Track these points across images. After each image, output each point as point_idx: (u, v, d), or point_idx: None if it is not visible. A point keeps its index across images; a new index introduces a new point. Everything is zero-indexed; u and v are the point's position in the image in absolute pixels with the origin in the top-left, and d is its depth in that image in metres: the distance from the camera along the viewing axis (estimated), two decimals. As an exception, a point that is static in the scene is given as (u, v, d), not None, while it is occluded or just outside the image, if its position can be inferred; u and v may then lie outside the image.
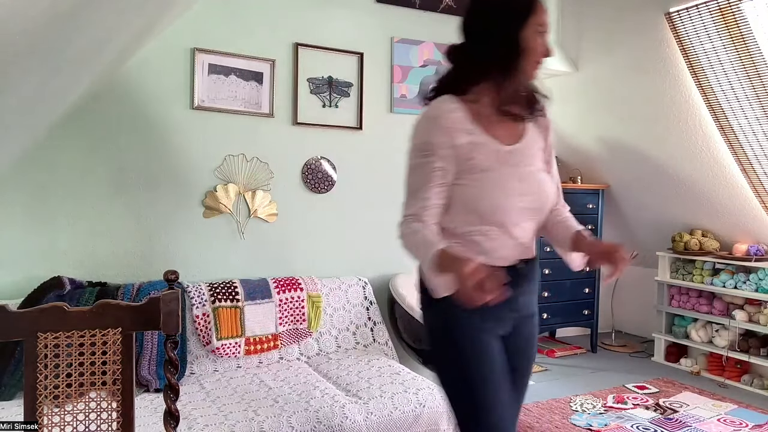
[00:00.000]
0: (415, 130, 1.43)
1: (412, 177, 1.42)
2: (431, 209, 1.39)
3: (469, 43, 1.50)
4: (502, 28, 1.42)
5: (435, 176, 1.37)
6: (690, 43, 3.34)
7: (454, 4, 3.39)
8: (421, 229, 1.37)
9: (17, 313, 1.25)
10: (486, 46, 1.43)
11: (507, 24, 1.41)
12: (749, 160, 3.54)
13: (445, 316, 1.45)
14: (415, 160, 1.41)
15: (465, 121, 1.39)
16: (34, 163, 2.48)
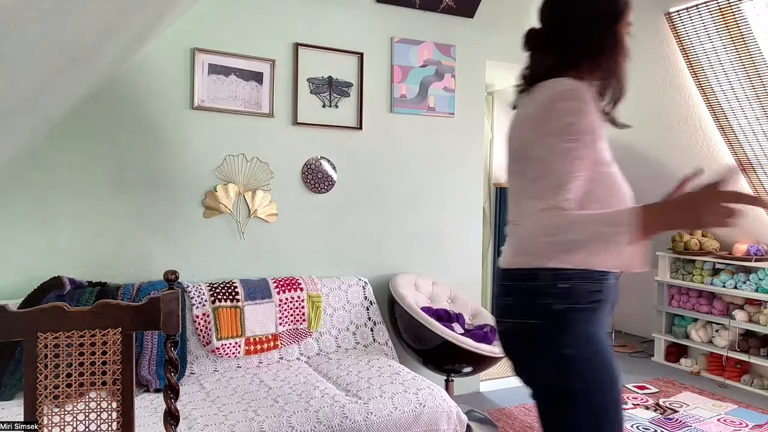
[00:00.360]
0: (555, 107, 1.22)
1: (553, 163, 1.20)
2: (571, 203, 1.18)
3: (562, 31, 1.36)
4: (609, 19, 1.32)
5: (576, 165, 1.19)
6: (690, 43, 3.35)
7: (454, 4, 3.39)
8: (584, 212, 1.17)
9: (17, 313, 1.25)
10: (588, 36, 1.31)
11: (612, 15, 1.33)
12: (749, 160, 3.54)
13: (582, 327, 1.25)
14: (557, 144, 1.20)
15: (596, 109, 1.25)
16: (35, 163, 2.48)
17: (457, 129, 3.48)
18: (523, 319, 1.29)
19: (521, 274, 1.30)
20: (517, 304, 1.31)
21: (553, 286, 1.25)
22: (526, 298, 1.29)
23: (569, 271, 1.26)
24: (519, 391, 3.60)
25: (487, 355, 2.76)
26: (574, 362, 1.25)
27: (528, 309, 1.28)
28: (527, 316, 1.28)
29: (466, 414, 2.38)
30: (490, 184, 4.68)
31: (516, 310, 1.31)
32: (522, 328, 1.30)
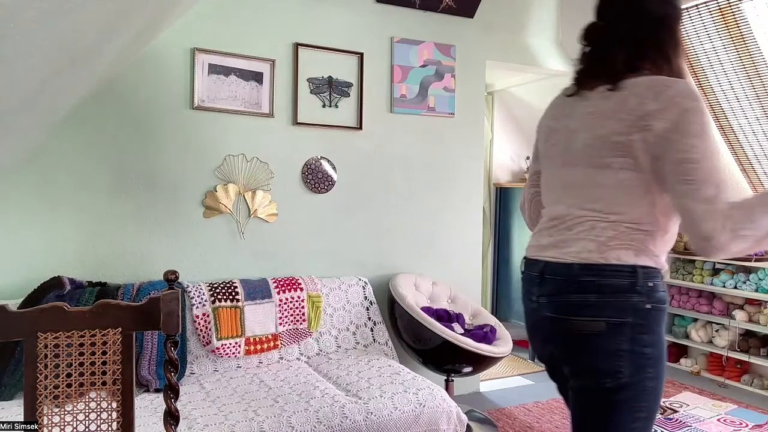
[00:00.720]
0: (695, 104, 1.20)
1: (713, 157, 1.19)
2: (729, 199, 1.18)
3: (631, 29, 1.35)
4: (674, 19, 1.35)
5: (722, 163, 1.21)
6: (690, 43, 3.35)
7: (454, 4, 3.39)
8: (739, 202, 1.17)
9: (17, 313, 1.25)
10: (658, 35, 1.33)
11: (675, 16, 1.36)
12: (749, 160, 3.54)
13: (659, 327, 1.28)
14: (704, 143, 1.18)
15: None
16: (35, 163, 2.48)
17: (457, 129, 3.49)
18: (606, 317, 1.26)
19: (614, 270, 1.26)
20: (604, 301, 1.27)
21: (644, 285, 1.25)
22: (614, 295, 1.26)
23: (654, 270, 1.28)
24: (519, 391, 3.61)
25: (487, 355, 2.76)
26: (652, 360, 1.27)
27: (618, 306, 1.26)
28: (616, 313, 1.26)
29: (466, 414, 2.38)
30: (490, 184, 4.68)
31: (598, 306, 1.27)
32: (601, 325, 1.27)
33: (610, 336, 1.26)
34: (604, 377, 1.28)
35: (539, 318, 1.39)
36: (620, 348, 1.26)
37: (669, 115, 1.20)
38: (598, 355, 1.28)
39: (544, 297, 1.36)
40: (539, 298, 1.38)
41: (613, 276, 1.26)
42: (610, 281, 1.26)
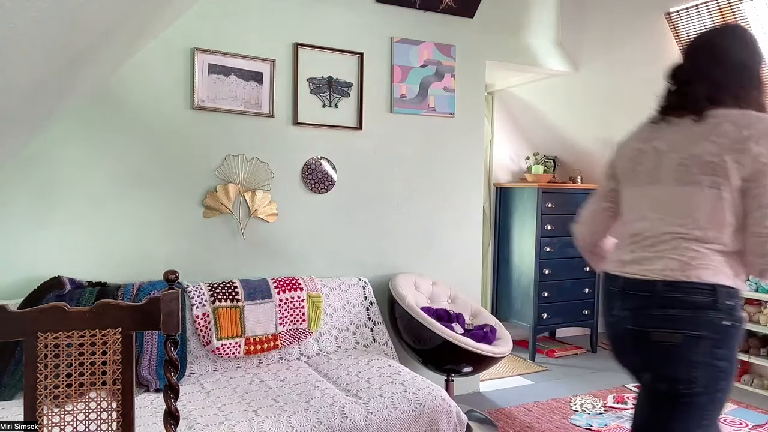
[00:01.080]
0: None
1: None
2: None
3: (723, 70, 1.51)
4: (754, 61, 1.54)
5: None
6: (690, 43, 3.35)
7: (454, 4, 3.39)
8: None
9: (17, 313, 1.25)
10: (737, 74, 1.51)
11: (755, 59, 1.54)
12: (749, 160, 3.54)
13: (735, 342, 1.44)
14: None
15: None
16: (34, 163, 2.48)
17: (457, 129, 3.49)
18: (689, 330, 1.39)
19: (696, 288, 1.39)
20: (685, 316, 1.40)
21: (723, 303, 1.39)
22: (694, 311, 1.39)
23: (733, 289, 1.42)
24: (519, 391, 3.61)
25: (487, 355, 2.76)
26: (724, 373, 1.41)
27: (697, 321, 1.39)
28: (695, 327, 1.39)
29: (466, 414, 2.38)
30: (490, 184, 4.68)
31: (682, 320, 1.40)
32: (678, 338, 1.40)
33: (687, 347, 1.40)
34: (679, 384, 1.42)
35: (620, 330, 1.52)
36: (696, 359, 1.39)
37: (764, 143, 1.36)
38: (675, 364, 1.42)
39: (627, 311, 1.49)
40: (622, 311, 1.50)
41: (694, 293, 1.39)
42: (692, 298, 1.39)
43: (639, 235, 1.52)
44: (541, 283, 4.25)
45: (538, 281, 4.23)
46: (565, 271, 4.36)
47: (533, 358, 4.28)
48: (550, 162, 4.66)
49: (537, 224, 4.20)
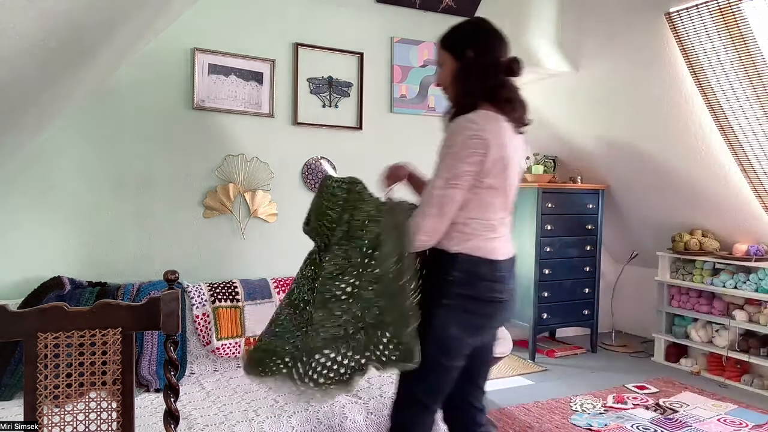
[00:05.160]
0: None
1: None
2: None
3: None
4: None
5: None
6: (690, 43, 3.34)
7: (454, 4, 3.39)
8: None
9: (17, 313, 1.25)
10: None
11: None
12: (749, 160, 3.54)
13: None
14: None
15: None
16: (35, 163, 2.48)
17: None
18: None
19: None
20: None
21: None
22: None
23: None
24: (519, 391, 3.61)
25: (487, 355, 2.75)
26: None
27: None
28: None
29: (466, 414, 2.37)
30: (490, 184, 4.68)
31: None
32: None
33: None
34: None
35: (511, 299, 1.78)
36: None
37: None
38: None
39: (513, 282, 1.79)
40: (512, 285, 1.78)
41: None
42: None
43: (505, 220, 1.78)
44: (541, 283, 4.25)
45: (538, 281, 4.23)
46: (565, 271, 4.36)
47: (533, 358, 4.28)
48: (550, 162, 4.66)
49: (537, 224, 4.20)
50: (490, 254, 1.67)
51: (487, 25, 1.86)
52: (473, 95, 1.70)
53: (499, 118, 1.68)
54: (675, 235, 4.21)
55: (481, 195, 1.65)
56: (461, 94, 1.73)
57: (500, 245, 1.71)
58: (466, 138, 1.60)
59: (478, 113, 1.65)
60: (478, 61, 1.72)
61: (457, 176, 1.60)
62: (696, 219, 4.18)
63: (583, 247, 4.44)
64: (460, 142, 1.60)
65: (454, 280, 1.65)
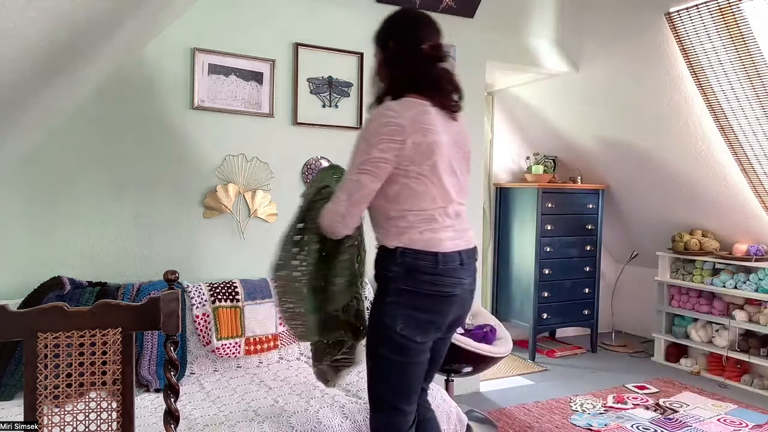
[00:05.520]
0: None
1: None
2: None
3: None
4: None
5: None
6: (690, 43, 3.35)
7: (454, 4, 3.39)
8: None
9: (17, 313, 1.25)
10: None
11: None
12: (749, 160, 3.54)
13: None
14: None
15: None
16: (35, 163, 2.48)
17: (457, 129, 3.48)
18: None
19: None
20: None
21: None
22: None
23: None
24: (519, 391, 3.61)
25: (487, 355, 2.76)
26: None
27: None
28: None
29: (466, 414, 2.38)
30: (490, 184, 4.68)
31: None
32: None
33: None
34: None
35: (468, 292, 1.75)
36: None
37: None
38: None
39: (470, 277, 1.75)
40: (467, 278, 1.73)
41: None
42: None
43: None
44: (541, 283, 4.25)
45: (538, 281, 4.23)
46: (565, 271, 4.37)
47: (533, 358, 4.28)
48: (550, 162, 4.66)
49: (537, 224, 4.20)
50: (432, 246, 1.62)
51: (408, 14, 1.81)
52: (397, 84, 1.69)
53: (424, 104, 1.65)
54: (675, 235, 4.21)
55: (410, 185, 1.63)
56: (387, 84, 1.73)
57: (445, 236, 1.66)
58: (380, 125, 1.59)
59: (399, 101, 1.64)
60: (398, 51, 1.72)
61: (368, 161, 1.60)
62: (696, 219, 4.19)
63: (583, 247, 4.44)
64: (372, 129, 1.60)
65: (395, 276, 1.63)
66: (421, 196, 1.64)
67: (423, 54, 1.71)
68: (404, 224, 1.64)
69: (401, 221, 1.65)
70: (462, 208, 1.76)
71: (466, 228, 1.76)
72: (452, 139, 1.72)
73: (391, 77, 1.73)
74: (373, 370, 1.72)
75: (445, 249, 1.64)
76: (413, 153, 1.60)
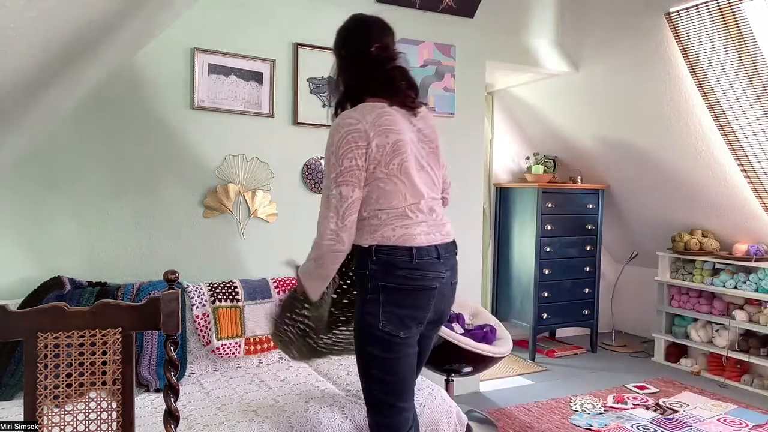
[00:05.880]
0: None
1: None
2: None
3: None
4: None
5: None
6: (690, 43, 3.35)
7: (454, 4, 3.39)
8: None
9: (17, 313, 1.25)
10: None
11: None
12: (749, 160, 3.54)
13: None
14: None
15: None
16: (35, 163, 2.48)
17: (457, 129, 3.49)
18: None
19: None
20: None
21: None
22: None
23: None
24: (519, 391, 3.61)
25: (487, 355, 2.76)
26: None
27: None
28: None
29: (466, 414, 2.38)
30: (490, 184, 4.68)
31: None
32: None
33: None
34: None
35: (448, 285, 1.79)
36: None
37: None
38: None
39: (449, 270, 1.80)
40: (445, 272, 1.77)
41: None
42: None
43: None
44: (541, 283, 4.25)
45: (538, 281, 4.23)
46: (565, 271, 4.37)
47: (533, 358, 4.28)
48: (550, 162, 4.66)
49: (537, 224, 4.20)
50: (406, 242, 1.65)
51: (355, 20, 1.87)
52: (353, 90, 1.75)
53: (383, 106, 1.69)
54: (675, 235, 4.21)
55: (379, 185, 1.66)
56: (344, 92, 1.78)
57: (418, 231, 1.68)
58: (343, 135, 1.63)
59: (357, 108, 1.69)
60: (349, 57, 1.79)
61: (342, 173, 1.62)
62: (696, 219, 4.19)
63: (583, 247, 4.44)
64: (337, 141, 1.63)
65: (372, 273, 1.66)
66: (390, 194, 1.67)
67: (372, 56, 1.75)
68: (376, 222, 1.68)
69: (374, 220, 1.68)
70: (435, 203, 1.79)
71: (443, 222, 1.80)
72: (417, 136, 1.76)
73: (346, 84, 1.78)
74: (365, 370, 1.74)
75: (419, 243, 1.67)
76: (378, 155, 1.64)
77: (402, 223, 1.67)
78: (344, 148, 1.62)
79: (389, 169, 1.66)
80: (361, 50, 1.77)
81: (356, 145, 1.62)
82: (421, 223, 1.71)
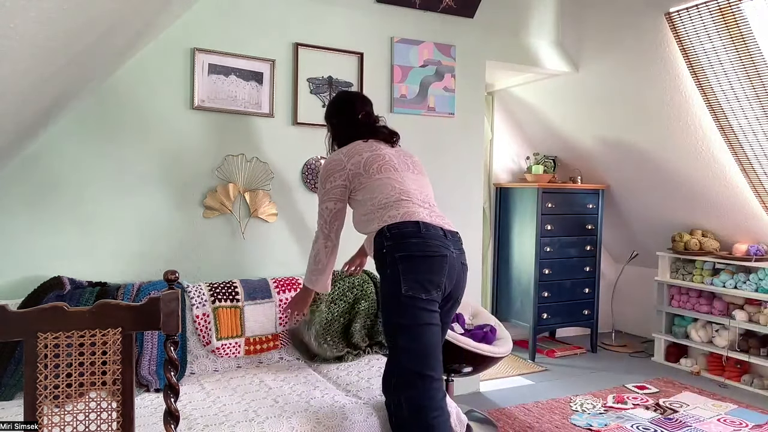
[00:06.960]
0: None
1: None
2: None
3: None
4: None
5: None
6: (690, 43, 3.35)
7: (454, 4, 3.39)
8: None
9: (17, 313, 1.25)
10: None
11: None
12: (749, 160, 3.54)
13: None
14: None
15: None
16: (35, 163, 2.48)
17: (457, 129, 3.49)
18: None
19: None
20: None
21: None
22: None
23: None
24: (519, 391, 3.61)
25: (487, 355, 2.76)
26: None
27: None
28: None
29: (466, 414, 2.38)
30: (490, 184, 4.68)
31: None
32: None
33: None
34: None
35: (458, 264, 1.99)
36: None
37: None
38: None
39: (458, 250, 2.00)
40: (455, 251, 1.97)
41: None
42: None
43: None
44: (541, 283, 4.25)
45: (538, 281, 4.23)
46: (565, 271, 4.37)
47: (533, 358, 4.28)
48: (550, 162, 4.66)
49: (537, 224, 4.21)
50: (411, 216, 1.92)
51: (343, 97, 2.36)
52: (345, 141, 2.24)
53: (364, 142, 2.15)
54: (675, 235, 4.21)
55: (366, 186, 2.04)
56: (338, 144, 2.29)
57: (420, 211, 1.95)
58: (328, 168, 2.13)
59: (342, 148, 2.18)
60: (341, 123, 2.28)
61: (326, 193, 2.13)
62: (696, 219, 4.19)
63: (583, 247, 4.44)
64: (323, 174, 2.15)
65: (388, 249, 1.90)
66: (380, 188, 2.02)
67: (360, 121, 2.25)
68: (380, 211, 1.97)
69: (375, 213, 1.99)
70: (431, 200, 2.09)
71: (443, 215, 2.05)
72: (396, 153, 2.17)
73: (340, 140, 2.27)
74: (392, 342, 1.92)
75: (424, 219, 1.92)
76: (355, 168, 2.07)
77: (402, 204, 1.96)
78: (328, 176, 2.12)
79: (370, 173, 2.04)
80: (351, 117, 2.26)
81: (335, 171, 2.10)
82: (421, 208, 1.97)
